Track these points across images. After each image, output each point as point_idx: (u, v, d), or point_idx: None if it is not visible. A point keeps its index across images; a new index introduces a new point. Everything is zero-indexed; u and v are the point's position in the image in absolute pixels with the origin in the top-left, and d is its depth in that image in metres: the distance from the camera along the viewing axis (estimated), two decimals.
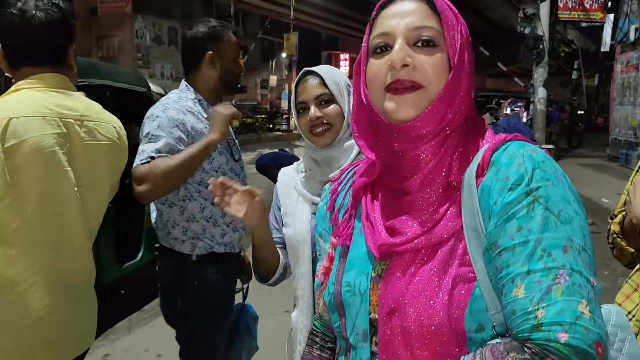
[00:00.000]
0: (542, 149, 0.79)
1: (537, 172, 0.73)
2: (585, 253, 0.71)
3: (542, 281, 0.68)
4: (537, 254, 0.69)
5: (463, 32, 0.81)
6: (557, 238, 0.70)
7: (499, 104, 16.76)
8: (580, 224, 0.72)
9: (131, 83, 3.97)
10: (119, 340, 3.52)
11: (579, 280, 0.68)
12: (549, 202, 0.72)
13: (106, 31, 15.61)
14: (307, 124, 1.39)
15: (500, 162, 0.76)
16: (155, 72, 16.40)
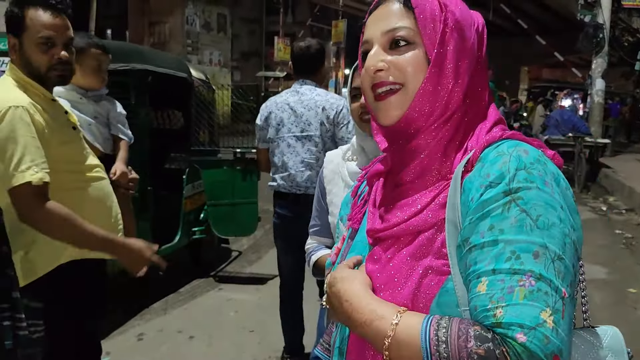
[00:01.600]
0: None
1: (521, 172, 0.71)
2: (561, 262, 0.68)
3: (505, 280, 0.67)
4: (505, 255, 0.68)
5: (449, 21, 0.79)
6: (530, 242, 0.68)
7: (554, 95, 16.08)
8: (563, 231, 0.69)
9: (172, 68, 4.02)
10: (154, 320, 3.60)
11: (546, 288, 0.66)
12: (528, 205, 0.69)
13: (158, 17, 15.95)
14: (358, 109, 1.40)
15: (486, 159, 0.74)
16: (204, 59, 16.64)
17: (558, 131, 9.78)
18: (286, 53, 21.26)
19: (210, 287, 4.26)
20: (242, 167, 4.22)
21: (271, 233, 5.93)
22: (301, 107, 2.73)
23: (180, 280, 4.26)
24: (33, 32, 1.67)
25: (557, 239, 0.68)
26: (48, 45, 1.68)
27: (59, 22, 1.70)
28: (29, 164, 1.58)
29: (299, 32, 27.88)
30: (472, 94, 0.81)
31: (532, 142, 0.77)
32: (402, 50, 0.80)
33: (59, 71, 1.72)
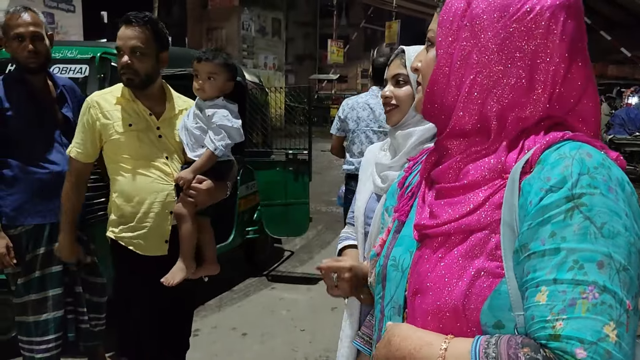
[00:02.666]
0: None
1: (585, 177, 0.67)
2: (626, 273, 0.65)
3: (567, 292, 0.64)
4: (568, 264, 0.65)
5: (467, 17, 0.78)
6: (594, 251, 0.64)
7: (620, 93, 15.28)
8: (629, 240, 0.66)
9: None
10: (208, 318, 3.71)
11: (610, 301, 0.63)
12: (592, 212, 0.66)
13: (215, 23, 16.41)
14: (382, 99, 1.43)
15: (547, 161, 0.70)
16: (259, 62, 16.96)
17: (624, 130, 9.32)
18: (339, 55, 21.36)
19: (263, 286, 4.35)
20: (294, 168, 4.28)
21: (323, 233, 5.97)
22: (379, 108, 3.33)
23: (234, 278, 4.37)
24: (116, 43, 2.03)
25: (622, 248, 0.65)
26: (120, 54, 2.00)
27: (127, 33, 1.97)
28: (72, 141, 2.11)
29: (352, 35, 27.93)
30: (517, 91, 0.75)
31: (594, 144, 0.73)
32: (428, 50, 0.87)
33: (125, 75, 2.00)
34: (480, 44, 0.76)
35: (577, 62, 0.76)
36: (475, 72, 0.76)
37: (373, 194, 1.44)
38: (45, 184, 2.26)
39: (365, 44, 30.50)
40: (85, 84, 2.89)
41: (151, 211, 2.03)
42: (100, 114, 2.03)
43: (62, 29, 13.27)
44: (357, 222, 1.45)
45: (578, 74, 0.76)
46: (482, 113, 0.77)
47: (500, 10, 0.75)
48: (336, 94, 22.05)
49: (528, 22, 0.74)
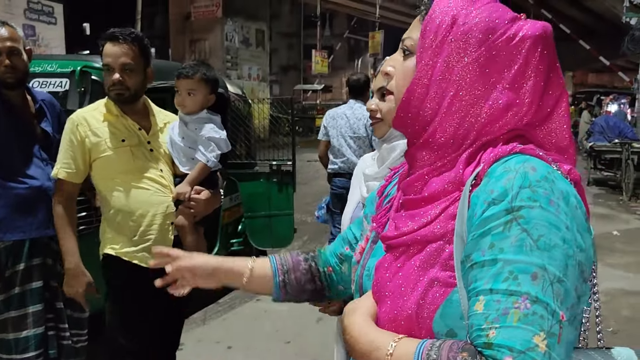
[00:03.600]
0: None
1: (525, 191, 0.69)
2: (561, 285, 0.66)
3: (501, 301, 0.66)
4: (503, 275, 0.67)
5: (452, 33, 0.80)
6: (529, 263, 0.66)
7: (600, 100, 15.57)
8: (566, 252, 0.67)
9: None
10: (193, 331, 3.67)
11: (542, 312, 0.65)
12: (529, 225, 0.67)
13: (198, 35, 16.43)
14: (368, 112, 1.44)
15: (493, 174, 0.73)
16: (243, 74, 16.99)
17: (604, 137, 9.48)
18: (323, 66, 21.50)
19: (248, 299, 4.32)
20: (278, 180, 4.28)
21: (308, 244, 5.97)
22: (353, 117, 4.19)
23: (219, 291, 4.34)
24: (103, 61, 2.05)
25: (558, 260, 0.67)
26: (108, 70, 2.01)
27: (116, 50, 2.00)
28: (57, 162, 2.06)
29: (336, 45, 28.13)
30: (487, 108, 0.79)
31: (544, 157, 0.74)
32: (405, 59, 0.87)
33: (114, 90, 2.02)
34: (464, 62, 0.78)
35: (550, 88, 0.80)
36: (456, 88, 0.79)
37: (360, 202, 1.46)
38: (25, 199, 2.23)
39: (349, 54, 30.74)
40: (65, 97, 2.87)
41: (154, 223, 2.06)
42: (89, 132, 2.02)
43: (44, 41, 13.16)
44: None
45: (552, 97, 0.80)
46: (457, 128, 0.79)
47: (486, 33, 0.78)
48: (321, 104, 22.14)
49: (511, 46, 0.78)
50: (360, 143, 4.19)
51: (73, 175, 2.04)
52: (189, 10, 16.46)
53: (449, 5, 0.81)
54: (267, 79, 18.66)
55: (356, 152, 4.16)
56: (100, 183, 2.07)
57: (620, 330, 3.71)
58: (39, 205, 2.13)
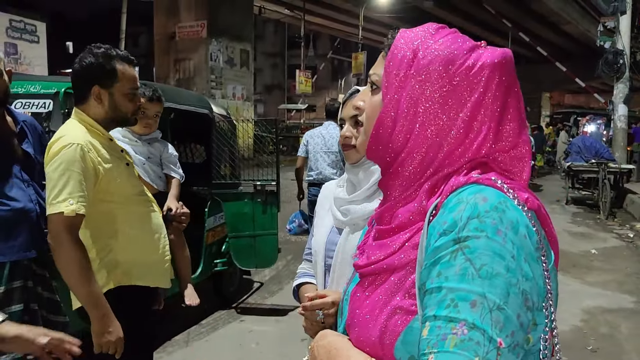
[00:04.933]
0: None
1: (473, 222, 0.71)
2: (501, 312, 0.68)
3: (441, 327, 0.69)
4: (446, 302, 0.70)
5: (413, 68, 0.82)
6: (469, 291, 0.68)
7: (577, 121, 15.93)
8: (509, 281, 0.69)
9: (194, 105, 4.16)
10: (176, 353, 3.64)
11: (478, 338, 0.66)
12: (473, 254, 0.70)
13: (183, 54, 16.47)
14: (341, 139, 1.45)
15: (447, 206, 0.76)
16: (227, 93, 17.04)
17: (581, 157, 9.68)
18: (307, 85, 21.69)
19: (232, 319, 4.30)
20: (262, 200, 4.30)
21: (292, 264, 5.96)
22: (328, 136, 5.01)
23: (202, 312, 4.30)
24: (124, 84, 1.92)
25: (499, 288, 0.68)
26: (135, 95, 1.96)
27: (137, 74, 1.98)
28: (66, 195, 1.76)
29: (320, 65, 28.42)
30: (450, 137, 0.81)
31: (499, 187, 0.76)
32: (373, 93, 0.90)
33: (138, 115, 2.02)
34: (427, 94, 0.81)
35: (508, 112, 0.82)
36: (421, 121, 0.81)
37: (333, 227, 1.46)
38: (6, 220, 2.21)
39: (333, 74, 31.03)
40: (49, 119, 2.87)
41: (166, 244, 2.06)
42: (99, 158, 1.88)
43: (26, 59, 13.10)
44: (317, 257, 1.47)
45: (512, 121, 0.83)
46: (423, 159, 0.82)
47: (446, 65, 0.80)
48: (305, 123, 22.26)
49: (471, 76, 0.80)
50: (332, 157, 5.01)
51: (87, 208, 1.81)
52: (173, 30, 16.52)
53: (410, 39, 0.84)
54: (252, 98, 18.73)
55: (329, 165, 5.03)
56: (113, 212, 1.93)
57: (599, 348, 3.76)
58: (20, 227, 2.10)
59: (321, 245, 1.46)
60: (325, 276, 1.45)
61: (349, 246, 1.37)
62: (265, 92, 27.31)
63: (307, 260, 1.60)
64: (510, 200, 0.75)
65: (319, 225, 1.52)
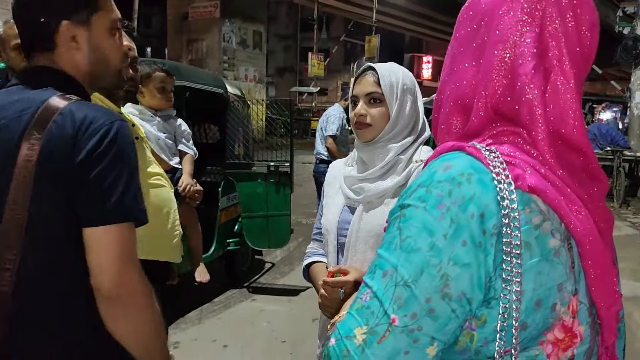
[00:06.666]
0: None
1: (421, 190, 0.68)
2: (406, 289, 0.65)
3: (360, 291, 0.70)
4: (372, 268, 0.71)
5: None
6: (387, 260, 0.68)
7: (592, 109, 15.71)
8: (428, 260, 0.64)
9: (209, 84, 4.16)
10: (189, 330, 3.69)
11: (375, 308, 0.66)
12: (405, 224, 0.68)
13: (195, 35, 16.40)
14: (354, 117, 1.43)
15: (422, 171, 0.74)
16: (240, 75, 16.98)
17: (596, 145, 9.57)
18: (320, 69, 21.52)
19: (243, 298, 4.35)
20: (275, 180, 4.31)
21: (303, 245, 5.99)
22: (325, 116, 5.58)
23: (214, 290, 4.36)
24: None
25: (413, 264, 0.65)
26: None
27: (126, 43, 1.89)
28: None
29: (333, 48, 28.17)
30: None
31: (481, 157, 0.68)
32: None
33: (128, 86, 1.92)
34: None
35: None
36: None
37: (345, 206, 1.45)
38: None
39: (346, 58, 30.77)
40: None
41: (176, 218, 2.05)
42: None
43: None
44: (328, 236, 1.46)
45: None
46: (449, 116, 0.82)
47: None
48: (317, 106, 22.16)
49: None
50: (321, 134, 5.47)
51: None
52: (186, 10, 16.44)
53: None
54: (264, 80, 18.67)
55: (320, 142, 5.49)
56: None
57: None
58: None
59: (333, 224, 1.45)
60: (337, 255, 1.44)
61: (363, 224, 1.37)
62: (277, 75, 27.20)
63: (316, 240, 1.59)
64: (486, 173, 0.67)
65: (329, 204, 1.51)
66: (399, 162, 1.39)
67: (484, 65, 0.72)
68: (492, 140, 0.72)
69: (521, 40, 0.70)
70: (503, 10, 0.72)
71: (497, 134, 0.72)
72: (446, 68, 0.79)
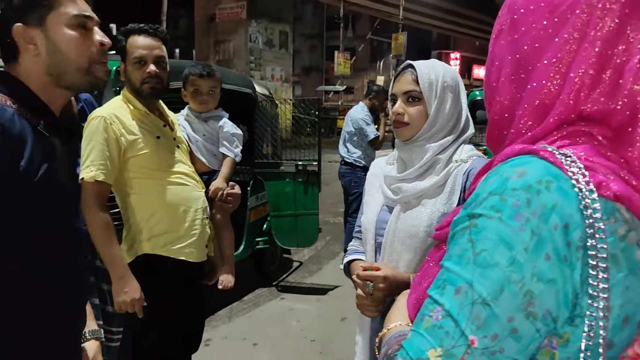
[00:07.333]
0: None
1: (493, 198, 0.61)
2: (486, 308, 0.59)
3: (426, 306, 0.65)
4: (439, 282, 0.65)
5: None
6: (458, 276, 0.62)
7: None
8: (508, 276, 0.59)
9: (237, 84, 4.19)
10: (220, 327, 3.73)
11: (449, 328, 0.60)
12: (478, 236, 0.61)
13: (222, 36, 16.58)
14: (392, 116, 1.42)
15: (487, 176, 0.66)
16: (266, 75, 17.10)
17: None
18: (346, 67, 21.50)
19: (272, 296, 4.37)
20: (303, 180, 4.32)
21: (331, 244, 5.99)
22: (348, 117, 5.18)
23: (244, 288, 4.40)
24: (130, 54, 1.98)
25: (490, 281, 0.59)
26: (139, 63, 1.97)
27: (149, 42, 1.98)
28: (88, 163, 1.87)
29: (359, 46, 28.12)
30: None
31: (557, 161, 0.62)
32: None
33: (150, 83, 1.98)
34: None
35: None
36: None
37: (384, 205, 1.44)
38: None
39: (372, 56, 30.68)
40: (100, 97, 2.94)
41: (196, 218, 2.06)
42: (123, 130, 1.94)
43: None
44: (367, 235, 1.46)
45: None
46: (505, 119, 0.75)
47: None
48: (343, 105, 22.15)
49: None
50: (345, 135, 5.12)
51: (109, 176, 1.91)
52: (213, 11, 16.63)
53: None
54: (290, 79, 18.75)
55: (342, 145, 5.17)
56: (136, 183, 2.00)
57: None
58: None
59: (371, 223, 1.44)
60: (375, 254, 1.44)
61: (400, 224, 1.36)
62: (303, 74, 27.28)
63: (357, 238, 1.59)
64: (565, 180, 0.61)
65: (369, 203, 1.50)
66: (438, 162, 1.36)
67: (577, 63, 0.65)
68: (563, 142, 0.66)
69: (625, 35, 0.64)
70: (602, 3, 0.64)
71: (567, 134, 0.67)
72: (509, 67, 0.71)
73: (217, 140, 2.29)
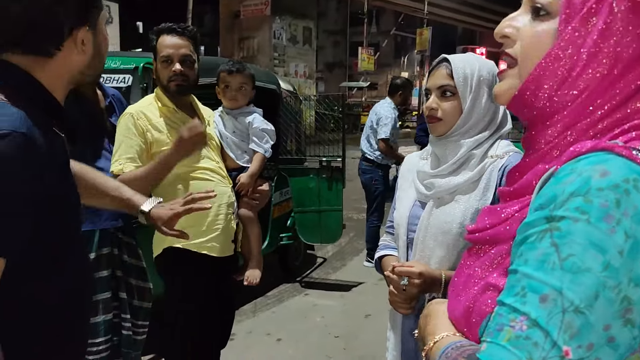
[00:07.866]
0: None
1: (577, 200, 0.57)
2: (579, 317, 0.55)
3: (503, 316, 0.60)
4: (516, 289, 0.59)
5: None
6: (543, 282, 0.57)
7: None
8: (603, 281, 0.55)
9: (262, 80, 4.20)
10: (244, 322, 3.75)
11: (538, 339, 0.55)
12: (563, 239, 0.56)
13: (247, 33, 16.66)
14: (426, 110, 1.40)
15: (557, 176, 0.61)
16: (290, 71, 17.12)
17: None
18: (369, 63, 21.39)
19: (296, 292, 4.38)
20: (327, 176, 4.31)
21: (355, 241, 5.97)
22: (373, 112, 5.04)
23: (268, 284, 4.42)
24: (159, 53, 2.05)
25: (584, 287, 0.55)
26: (166, 62, 2.04)
27: (175, 41, 2.04)
28: (117, 157, 1.99)
29: (383, 42, 27.93)
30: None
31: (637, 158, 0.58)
32: (538, 20, 0.71)
33: (176, 81, 2.04)
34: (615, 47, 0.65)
35: None
36: (608, 68, 0.65)
37: (416, 201, 1.43)
38: None
39: (396, 51, 30.47)
40: (128, 93, 2.99)
41: (220, 213, 2.10)
42: (149, 126, 2.02)
43: None
44: (399, 230, 1.44)
45: None
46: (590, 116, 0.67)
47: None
48: (367, 101, 22.06)
49: None
50: (367, 131, 4.95)
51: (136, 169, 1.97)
52: (238, 8, 16.72)
53: None
54: (314, 76, 18.74)
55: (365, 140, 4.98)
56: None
57: None
58: None
59: (404, 218, 1.43)
60: (407, 250, 1.42)
61: (433, 220, 1.34)
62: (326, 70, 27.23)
63: (389, 233, 1.58)
64: None
65: (402, 198, 1.49)
66: (472, 158, 1.33)
67: None
68: (629, 137, 0.63)
69: None
70: None
71: (628, 128, 0.63)
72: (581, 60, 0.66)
73: (248, 137, 2.31)
